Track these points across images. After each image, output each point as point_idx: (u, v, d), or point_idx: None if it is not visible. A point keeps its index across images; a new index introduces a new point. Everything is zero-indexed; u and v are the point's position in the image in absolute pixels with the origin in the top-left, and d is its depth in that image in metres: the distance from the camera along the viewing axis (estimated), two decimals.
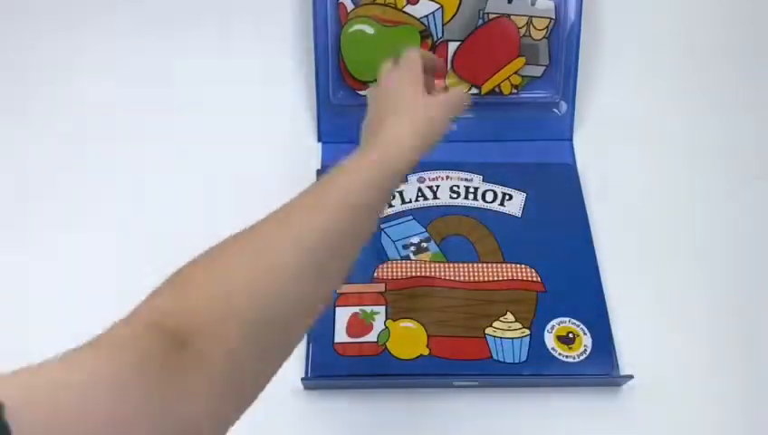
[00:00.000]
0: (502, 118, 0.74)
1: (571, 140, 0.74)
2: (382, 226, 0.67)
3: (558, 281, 0.64)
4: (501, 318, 0.61)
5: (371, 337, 0.61)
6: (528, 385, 0.60)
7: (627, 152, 0.75)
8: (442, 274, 0.65)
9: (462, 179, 0.71)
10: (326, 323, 0.61)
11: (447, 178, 0.71)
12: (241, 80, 0.79)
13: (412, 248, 0.66)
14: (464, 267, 0.65)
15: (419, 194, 0.70)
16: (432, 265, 0.65)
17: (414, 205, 0.69)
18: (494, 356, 0.60)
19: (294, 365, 0.60)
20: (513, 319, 0.61)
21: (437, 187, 0.71)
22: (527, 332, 0.61)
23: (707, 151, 0.75)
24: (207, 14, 0.82)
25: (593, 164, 0.73)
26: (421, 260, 0.65)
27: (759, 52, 0.82)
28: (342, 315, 0.62)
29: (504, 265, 0.65)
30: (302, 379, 0.59)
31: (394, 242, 0.67)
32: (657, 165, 0.74)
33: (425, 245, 0.67)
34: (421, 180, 0.71)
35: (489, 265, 0.65)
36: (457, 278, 0.64)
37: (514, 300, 0.63)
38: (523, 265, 0.65)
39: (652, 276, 0.66)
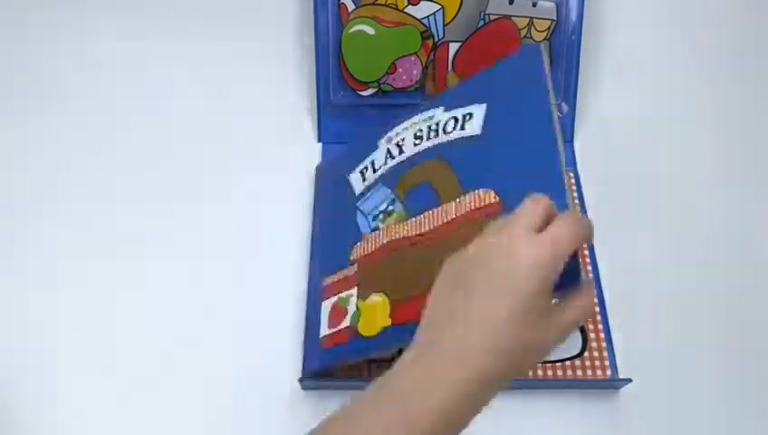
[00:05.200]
0: None
1: (571, 141, 0.74)
2: (357, 204, 0.63)
3: (519, 197, 0.43)
4: None
5: (346, 322, 0.56)
6: (524, 387, 0.59)
7: (627, 154, 0.74)
8: (404, 233, 0.57)
9: (425, 120, 0.61)
10: (314, 319, 0.60)
11: (412, 126, 0.62)
12: (241, 79, 0.79)
13: (381, 217, 0.60)
14: (424, 218, 0.56)
15: (387, 155, 0.63)
16: (395, 228, 0.58)
17: (384, 169, 0.62)
18: None
19: (293, 366, 0.60)
20: None
21: (403, 139, 0.62)
22: None
23: (707, 153, 0.74)
24: (208, 13, 0.83)
25: (594, 166, 0.72)
26: (387, 226, 0.58)
27: (761, 52, 0.81)
28: (326, 308, 0.59)
29: (461, 198, 0.54)
30: (300, 380, 0.59)
31: (366, 216, 0.61)
32: (657, 167, 0.73)
33: (390, 208, 0.59)
34: (389, 140, 0.63)
35: (447, 204, 0.55)
36: (418, 233, 0.56)
37: (477, 231, 0.44)
38: (480, 191, 0.54)
39: (651, 278, 0.65)
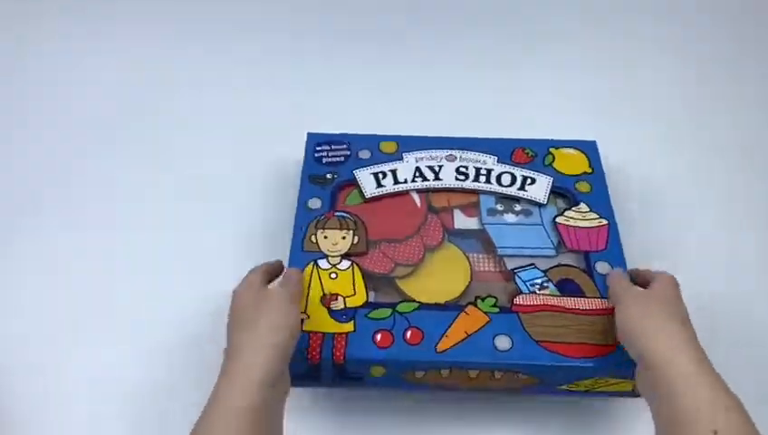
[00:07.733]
0: None
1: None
2: None
3: None
4: None
5: None
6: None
7: (642, 150, 0.75)
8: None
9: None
10: None
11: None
12: (241, 79, 0.83)
13: None
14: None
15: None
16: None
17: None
18: None
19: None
20: None
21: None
22: None
23: (716, 151, 0.75)
24: (208, 11, 0.87)
25: (616, 164, 0.71)
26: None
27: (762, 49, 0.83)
28: None
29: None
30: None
31: None
32: (678, 166, 0.74)
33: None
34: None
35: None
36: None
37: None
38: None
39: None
